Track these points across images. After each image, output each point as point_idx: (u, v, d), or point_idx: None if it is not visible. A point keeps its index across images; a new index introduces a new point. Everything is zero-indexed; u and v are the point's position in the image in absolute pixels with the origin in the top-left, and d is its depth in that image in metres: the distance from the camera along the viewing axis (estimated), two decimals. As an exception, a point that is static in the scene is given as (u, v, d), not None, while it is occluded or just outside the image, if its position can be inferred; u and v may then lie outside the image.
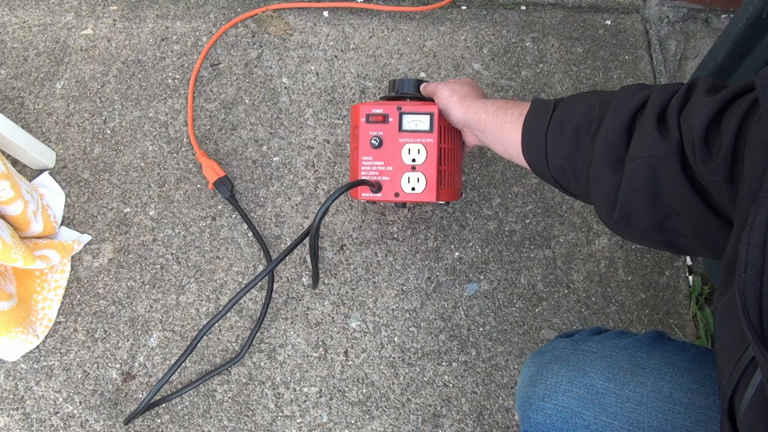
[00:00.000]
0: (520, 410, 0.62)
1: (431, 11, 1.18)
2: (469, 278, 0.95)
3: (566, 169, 0.59)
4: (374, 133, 0.79)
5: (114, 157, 1.04)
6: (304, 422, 0.86)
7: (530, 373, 0.62)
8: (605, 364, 0.58)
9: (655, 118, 0.51)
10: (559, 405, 0.58)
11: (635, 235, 0.56)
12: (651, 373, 0.56)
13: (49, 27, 1.15)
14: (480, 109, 0.72)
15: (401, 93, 0.84)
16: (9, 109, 1.07)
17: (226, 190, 0.98)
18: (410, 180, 0.79)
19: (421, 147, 0.79)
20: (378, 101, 0.89)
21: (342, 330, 0.92)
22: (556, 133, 0.60)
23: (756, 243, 0.36)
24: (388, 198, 0.80)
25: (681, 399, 0.54)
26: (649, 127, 0.51)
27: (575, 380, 0.58)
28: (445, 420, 0.86)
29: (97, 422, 0.85)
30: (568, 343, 0.63)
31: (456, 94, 0.76)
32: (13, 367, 0.89)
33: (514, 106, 0.68)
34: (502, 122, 0.68)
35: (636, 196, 0.52)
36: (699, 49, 1.14)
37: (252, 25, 1.16)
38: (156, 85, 1.10)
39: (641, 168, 0.51)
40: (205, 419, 0.86)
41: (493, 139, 0.71)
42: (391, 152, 0.80)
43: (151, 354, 0.90)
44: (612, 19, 1.19)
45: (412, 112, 0.79)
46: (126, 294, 0.94)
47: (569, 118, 0.59)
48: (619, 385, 0.56)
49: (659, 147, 0.50)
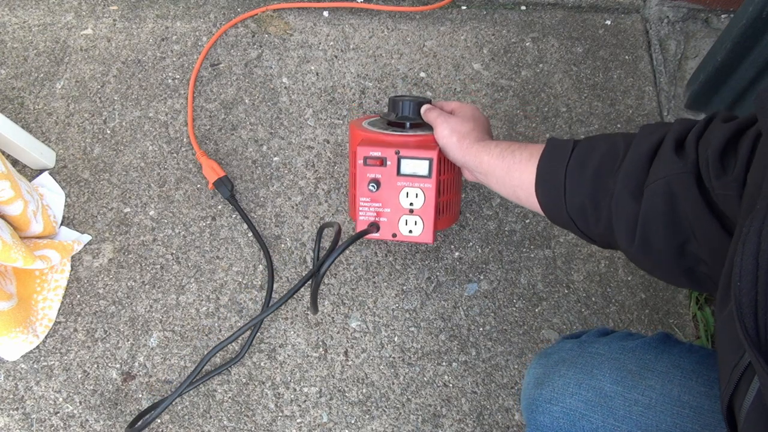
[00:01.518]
0: (526, 412, 0.62)
1: (431, 11, 1.18)
2: (469, 278, 0.95)
3: (587, 206, 0.58)
4: (372, 176, 0.78)
5: (114, 157, 1.04)
6: (304, 422, 0.86)
7: (536, 375, 0.62)
8: (613, 366, 0.58)
9: (673, 144, 0.52)
10: (566, 408, 0.58)
11: (655, 263, 0.55)
12: (659, 376, 0.56)
13: (49, 27, 1.15)
14: (482, 152, 0.69)
15: (401, 116, 0.82)
16: (9, 109, 1.07)
17: (226, 190, 0.98)
18: (407, 223, 0.79)
19: (419, 191, 0.78)
20: (376, 116, 0.88)
21: (342, 330, 0.92)
22: (577, 171, 0.59)
23: (750, 252, 0.37)
24: (385, 237, 0.81)
25: (690, 402, 0.54)
26: (668, 152, 0.52)
27: (583, 383, 0.58)
28: (445, 420, 0.86)
29: (97, 422, 0.85)
30: (575, 345, 0.62)
31: (455, 133, 0.73)
32: (13, 367, 0.89)
33: (522, 148, 0.66)
34: (509, 164, 0.66)
35: (654, 217, 0.52)
36: (699, 49, 1.14)
37: (252, 25, 1.16)
38: (156, 85, 1.10)
39: (659, 189, 0.51)
40: (205, 419, 0.86)
41: (497, 181, 0.68)
42: (389, 195, 0.79)
43: (151, 354, 0.90)
44: (612, 19, 1.19)
45: (411, 157, 0.77)
46: (126, 294, 0.94)
47: (592, 156, 0.58)
48: (627, 388, 0.56)
49: (676, 167, 0.50)
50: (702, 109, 1.07)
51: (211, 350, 0.79)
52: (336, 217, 0.99)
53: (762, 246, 0.37)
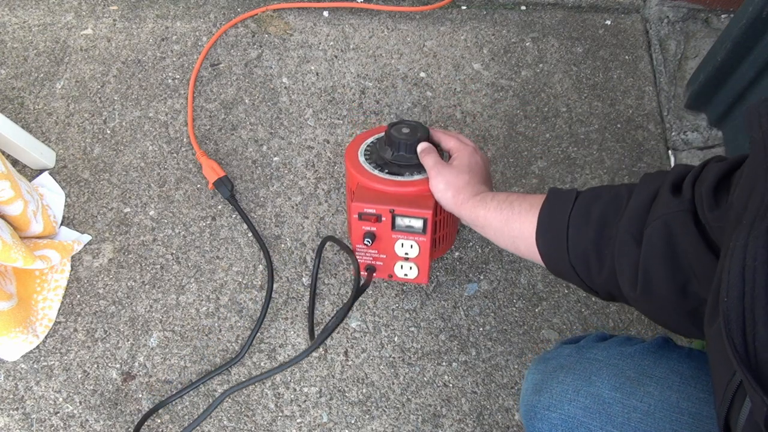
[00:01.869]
0: (525, 418, 0.62)
1: (431, 11, 1.18)
2: (469, 278, 0.95)
3: (590, 254, 0.58)
4: (367, 229, 0.79)
5: (114, 157, 1.04)
6: (304, 422, 0.86)
7: (535, 381, 0.61)
8: (611, 372, 0.57)
9: (670, 187, 0.53)
10: (564, 415, 0.57)
11: (660, 307, 0.54)
12: (658, 382, 0.55)
13: (49, 27, 1.15)
14: (477, 206, 0.69)
15: (397, 156, 0.81)
16: (9, 109, 1.07)
17: (226, 190, 0.98)
18: (403, 267, 0.82)
19: (414, 243, 0.79)
20: (375, 131, 0.86)
21: (342, 330, 0.92)
22: (580, 219, 0.59)
23: (736, 268, 0.37)
24: (381, 276, 0.84)
25: (689, 409, 0.53)
26: (665, 194, 0.52)
27: (581, 389, 0.57)
28: (445, 420, 0.86)
29: (97, 422, 0.85)
30: (574, 351, 0.62)
31: (451, 187, 0.72)
32: (13, 367, 0.89)
33: (521, 199, 0.66)
34: (507, 216, 0.66)
35: (654, 258, 0.52)
36: (699, 49, 1.14)
37: (252, 25, 1.16)
38: (156, 85, 1.10)
39: (657, 229, 0.51)
40: (205, 419, 0.86)
41: (495, 233, 0.68)
42: (385, 245, 0.81)
43: (151, 354, 0.90)
44: (612, 19, 1.19)
45: (405, 215, 0.77)
46: (126, 294, 0.94)
47: (595, 205, 0.58)
48: (625, 395, 0.55)
49: (673, 206, 0.51)
50: (702, 109, 1.07)
51: (231, 388, 0.80)
52: (336, 217, 0.99)
53: (747, 261, 0.37)
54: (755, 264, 0.36)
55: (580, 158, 1.05)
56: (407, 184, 0.78)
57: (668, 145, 1.07)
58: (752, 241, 0.37)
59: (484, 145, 1.06)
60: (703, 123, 1.07)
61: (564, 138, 1.07)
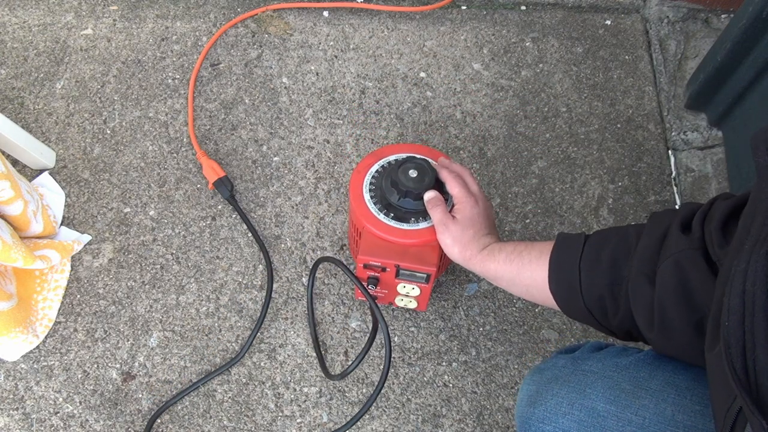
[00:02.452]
0: (520, 430, 0.61)
1: (431, 11, 1.18)
2: (469, 278, 0.95)
3: (606, 297, 0.58)
4: (372, 274, 0.81)
5: (114, 157, 1.04)
6: (304, 422, 0.86)
7: (529, 393, 0.61)
8: (606, 385, 0.57)
9: (679, 225, 0.53)
10: (558, 428, 0.57)
11: (677, 346, 0.54)
12: (653, 394, 0.55)
13: (49, 27, 1.15)
14: (486, 261, 0.70)
15: (403, 200, 0.79)
16: (9, 109, 1.07)
17: (225, 190, 0.98)
18: (404, 300, 0.87)
19: (416, 287, 0.82)
20: (381, 153, 0.85)
21: (342, 330, 0.92)
22: (592, 264, 0.59)
23: (736, 292, 0.37)
24: (383, 303, 0.90)
25: (684, 422, 0.53)
26: (675, 232, 0.53)
27: (575, 402, 0.57)
28: (445, 420, 0.86)
29: (97, 422, 0.85)
30: (569, 362, 0.62)
31: (457, 244, 0.73)
32: (13, 367, 0.89)
33: (529, 248, 0.67)
34: (518, 267, 0.67)
35: (668, 297, 0.52)
36: (699, 49, 1.14)
37: (252, 25, 1.16)
38: (156, 85, 1.10)
39: (669, 267, 0.52)
40: (205, 419, 0.86)
41: (508, 283, 0.70)
42: (388, 285, 0.83)
43: (151, 354, 0.90)
44: (612, 19, 1.19)
45: (409, 270, 0.79)
46: (126, 294, 0.94)
47: (605, 247, 0.59)
48: (620, 408, 0.55)
49: (682, 245, 0.51)
50: (702, 109, 1.07)
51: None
52: (336, 218, 0.99)
53: (747, 286, 0.37)
54: (754, 289, 0.36)
55: (580, 158, 1.05)
56: (412, 234, 0.79)
57: (668, 145, 1.07)
58: (752, 266, 0.37)
59: (484, 145, 1.06)
60: (703, 123, 1.07)
61: (564, 138, 1.07)
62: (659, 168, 1.05)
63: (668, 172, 1.05)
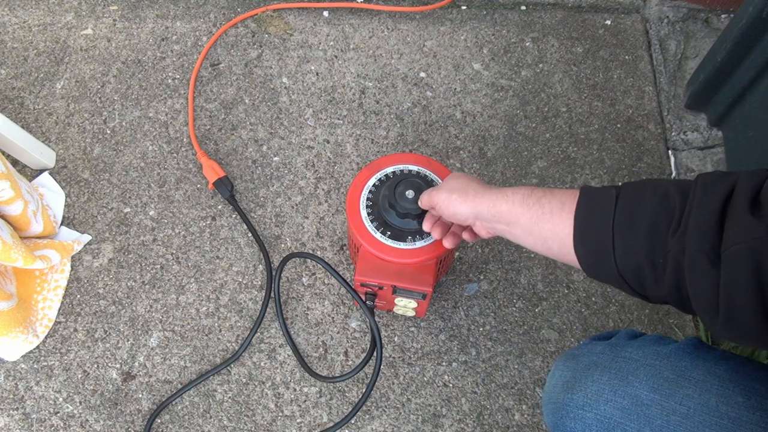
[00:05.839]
0: (553, 416, 0.59)
1: (431, 11, 1.18)
2: (469, 278, 0.95)
3: (644, 267, 0.52)
4: (369, 291, 0.82)
5: (114, 157, 1.04)
6: (304, 422, 0.86)
7: (565, 378, 0.59)
8: (649, 373, 0.55)
9: (748, 203, 0.47)
10: (600, 415, 0.55)
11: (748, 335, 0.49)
12: (697, 384, 0.53)
13: (49, 27, 1.15)
14: (499, 200, 0.63)
15: (400, 221, 0.79)
16: (9, 109, 1.07)
17: (225, 190, 0.98)
18: (401, 310, 0.88)
19: (413, 301, 0.83)
20: (375, 168, 0.84)
21: (342, 330, 0.92)
22: (626, 228, 0.53)
23: None
24: (382, 310, 0.91)
25: (728, 413, 0.51)
26: (742, 212, 0.47)
27: (618, 389, 0.55)
28: (445, 420, 0.86)
29: (97, 422, 0.85)
30: (607, 348, 0.59)
31: (454, 191, 0.68)
32: (13, 367, 0.89)
33: (549, 195, 0.59)
34: (536, 214, 0.59)
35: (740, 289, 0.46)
36: (699, 49, 1.14)
37: (252, 25, 1.16)
38: (156, 85, 1.10)
39: (741, 255, 0.46)
40: (205, 419, 0.86)
41: (524, 231, 0.62)
42: (385, 299, 0.84)
43: (151, 354, 0.90)
44: (612, 19, 1.19)
45: (407, 290, 0.79)
46: (126, 294, 0.94)
47: (641, 211, 0.53)
48: (664, 397, 0.53)
49: (759, 231, 0.45)
50: (702, 109, 1.07)
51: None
52: (336, 217, 0.99)
53: None
54: None
55: (580, 158, 1.05)
56: (409, 253, 0.79)
57: (668, 145, 1.07)
58: None
59: (484, 145, 1.06)
60: (703, 123, 1.07)
61: (564, 138, 1.07)
62: (659, 168, 1.05)
63: (668, 172, 1.05)
